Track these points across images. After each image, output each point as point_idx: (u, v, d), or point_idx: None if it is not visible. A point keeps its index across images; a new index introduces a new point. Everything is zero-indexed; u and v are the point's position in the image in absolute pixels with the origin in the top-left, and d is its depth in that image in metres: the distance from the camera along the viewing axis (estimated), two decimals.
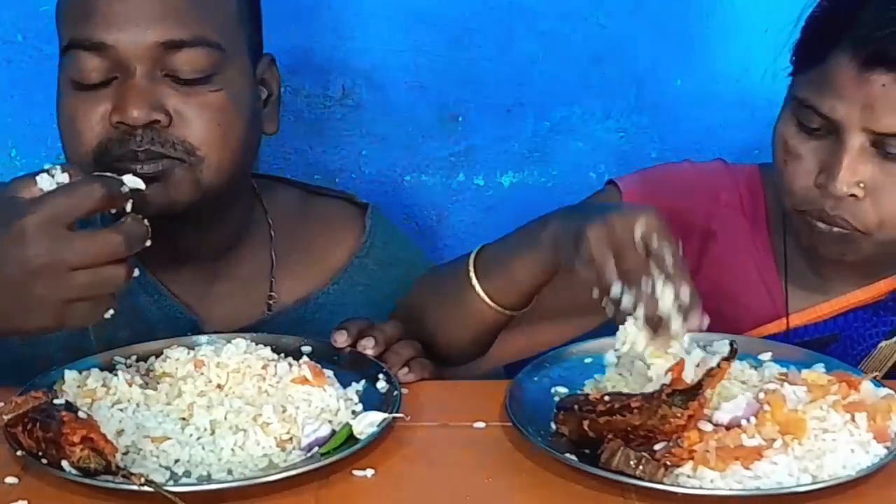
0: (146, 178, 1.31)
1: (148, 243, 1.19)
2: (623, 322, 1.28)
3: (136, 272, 1.20)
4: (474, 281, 1.47)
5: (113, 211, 1.20)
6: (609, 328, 1.35)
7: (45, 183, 1.20)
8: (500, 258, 1.46)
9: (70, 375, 1.33)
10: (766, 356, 1.40)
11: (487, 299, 1.46)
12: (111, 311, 1.20)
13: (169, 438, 1.22)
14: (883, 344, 1.60)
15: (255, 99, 1.55)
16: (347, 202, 1.75)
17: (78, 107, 1.46)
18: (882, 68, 1.40)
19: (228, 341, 1.39)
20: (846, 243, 1.49)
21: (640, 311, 1.26)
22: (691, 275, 1.29)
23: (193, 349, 1.37)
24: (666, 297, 1.25)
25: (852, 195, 1.45)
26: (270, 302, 1.64)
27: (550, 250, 1.40)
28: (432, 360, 1.48)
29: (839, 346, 1.60)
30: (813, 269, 1.62)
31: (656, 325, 1.26)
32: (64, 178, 1.20)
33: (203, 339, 1.43)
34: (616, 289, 1.27)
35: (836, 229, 1.48)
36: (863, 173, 1.44)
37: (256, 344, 1.40)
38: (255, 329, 1.54)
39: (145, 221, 1.20)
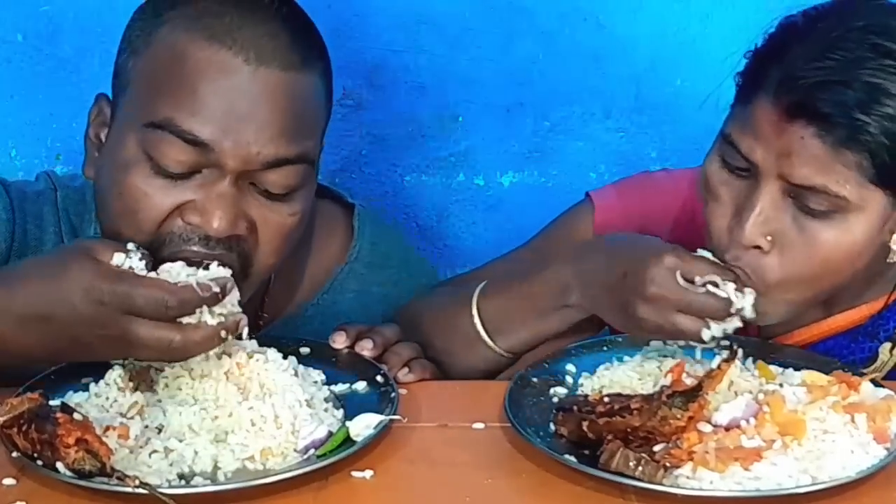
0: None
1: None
2: None
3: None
4: (484, 336, 1.47)
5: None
6: None
7: (118, 260, 1.22)
8: (512, 314, 1.46)
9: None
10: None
11: (501, 351, 1.48)
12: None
13: (177, 440, 1.22)
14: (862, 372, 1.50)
15: None
16: (334, 202, 1.65)
17: (150, 188, 1.32)
18: (803, 119, 1.29)
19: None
20: None
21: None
22: None
23: None
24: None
25: (757, 247, 1.34)
26: (261, 322, 1.54)
27: (580, 311, 1.42)
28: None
29: None
30: None
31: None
32: (139, 264, 1.22)
33: None
34: (708, 333, 1.30)
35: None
36: (774, 224, 1.33)
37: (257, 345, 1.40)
38: None
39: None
